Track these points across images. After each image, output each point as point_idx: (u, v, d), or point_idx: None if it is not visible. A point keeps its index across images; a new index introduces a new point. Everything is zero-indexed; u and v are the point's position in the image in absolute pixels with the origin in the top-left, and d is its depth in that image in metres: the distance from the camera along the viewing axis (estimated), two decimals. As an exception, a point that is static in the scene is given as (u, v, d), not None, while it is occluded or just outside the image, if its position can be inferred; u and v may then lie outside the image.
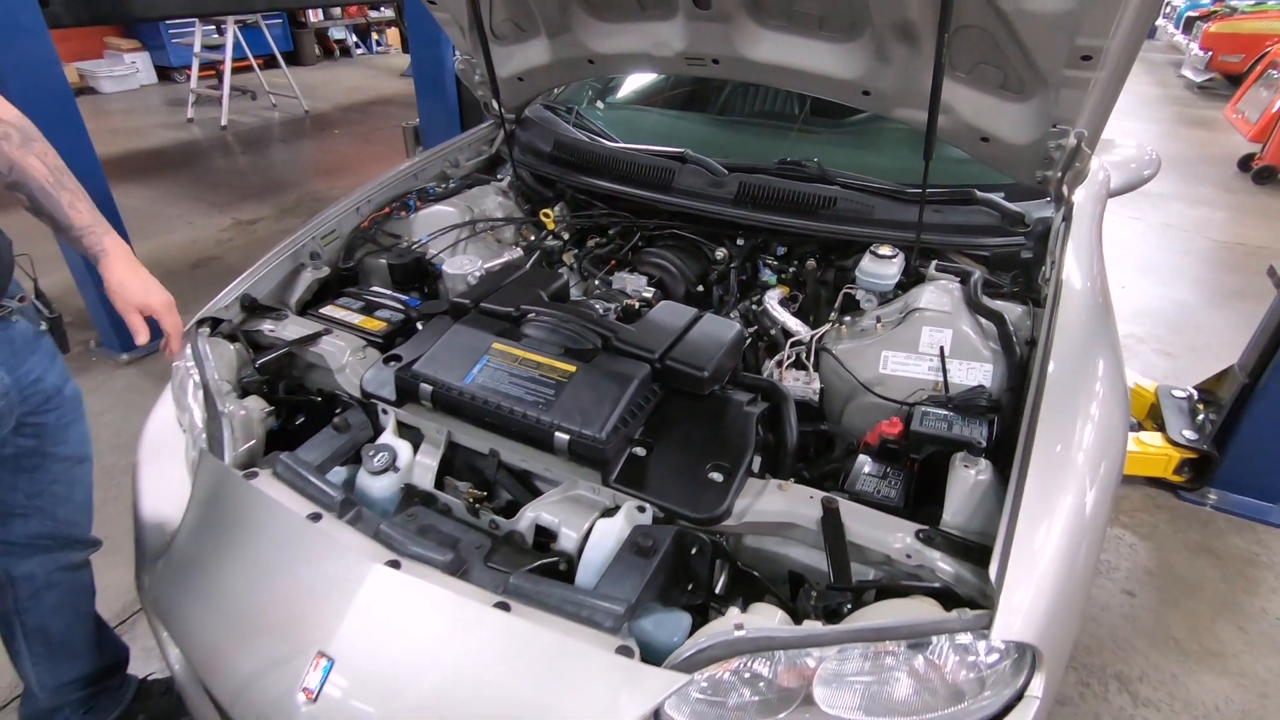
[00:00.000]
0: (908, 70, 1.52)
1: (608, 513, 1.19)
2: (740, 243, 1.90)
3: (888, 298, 1.60)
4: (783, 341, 1.58)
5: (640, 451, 1.22)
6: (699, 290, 1.85)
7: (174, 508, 1.30)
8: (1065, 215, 1.67)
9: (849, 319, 1.58)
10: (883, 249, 1.61)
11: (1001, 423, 1.26)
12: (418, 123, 4.53)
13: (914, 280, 1.62)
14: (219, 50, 7.04)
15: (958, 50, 1.41)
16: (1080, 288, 1.47)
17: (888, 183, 1.76)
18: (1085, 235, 1.67)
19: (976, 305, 1.45)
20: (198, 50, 6.99)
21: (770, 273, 1.85)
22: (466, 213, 2.00)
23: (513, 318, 1.42)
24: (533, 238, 2.05)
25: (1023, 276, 1.65)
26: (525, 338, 1.37)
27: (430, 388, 1.29)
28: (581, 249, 1.99)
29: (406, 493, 1.30)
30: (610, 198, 2.03)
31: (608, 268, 1.90)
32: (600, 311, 1.55)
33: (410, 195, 2.04)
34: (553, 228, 2.03)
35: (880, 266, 1.59)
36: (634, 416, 1.23)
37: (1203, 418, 2.60)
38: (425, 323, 1.56)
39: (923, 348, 1.42)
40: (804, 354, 1.53)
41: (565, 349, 1.33)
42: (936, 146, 1.48)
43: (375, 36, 10.65)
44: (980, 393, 1.31)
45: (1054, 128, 1.45)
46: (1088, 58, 1.28)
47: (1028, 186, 1.67)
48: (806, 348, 1.54)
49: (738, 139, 2.27)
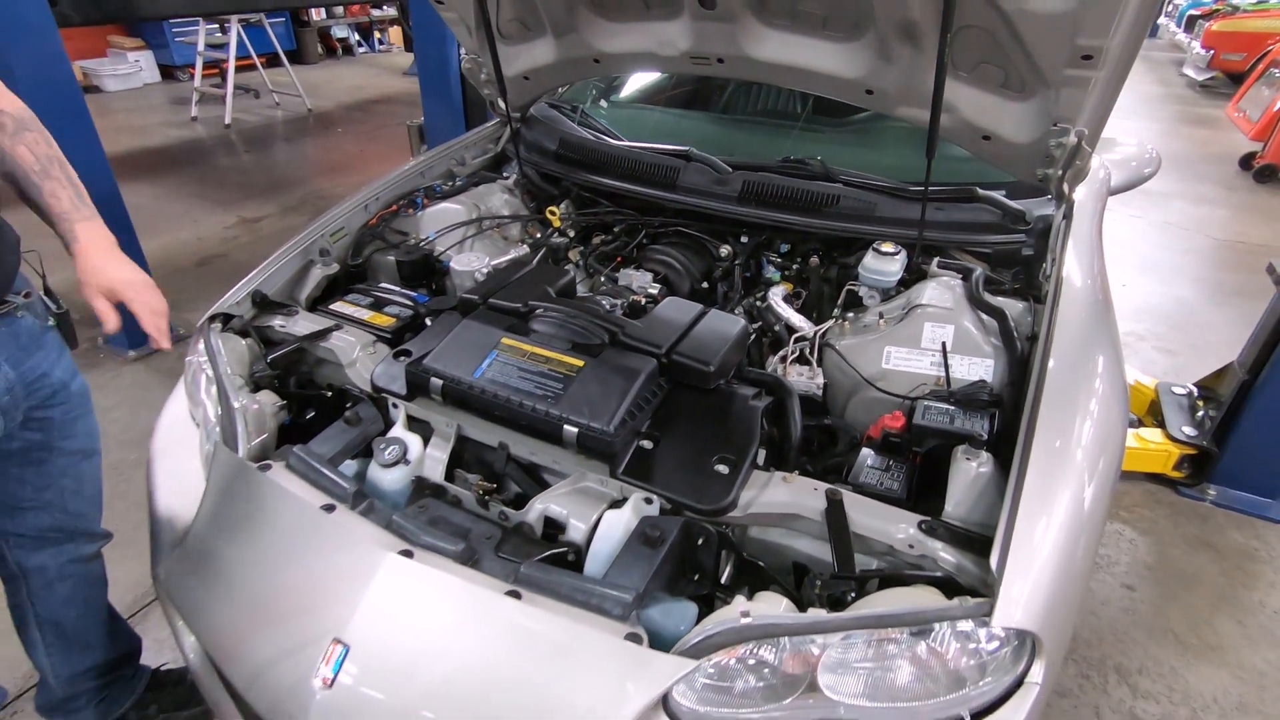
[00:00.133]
0: (910, 69, 1.53)
1: (615, 504, 1.21)
2: (744, 240, 1.92)
3: (890, 294, 1.62)
4: (786, 337, 1.60)
5: (647, 444, 1.24)
6: (704, 287, 1.87)
7: (188, 500, 1.32)
8: (1066, 213, 1.68)
9: (852, 315, 1.60)
10: (885, 246, 1.63)
11: (1002, 417, 1.28)
12: (422, 121, 4.54)
13: (916, 277, 1.64)
14: (223, 49, 7.07)
15: (960, 50, 1.42)
16: (1081, 285, 1.48)
17: (890, 181, 1.78)
18: (1086, 233, 1.68)
19: (978, 301, 1.47)
20: (201, 49, 7.02)
21: (774, 269, 1.87)
22: (473, 210, 2.02)
23: (521, 313, 1.44)
24: (539, 235, 2.07)
25: (1024, 273, 1.67)
26: (534, 333, 1.39)
27: (441, 382, 1.30)
28: (587, 246, 2.01)
29: (417, 485, 1.32)
30: (615, 195, 2.04)
31: (613, 265, 1.92)
32: (607, 307, 1.56)
33: (417, 193, 2.06)
34: (558, 225, 2.05)
35: (883, 263, 1.61)
36: (641, 410, 1.25)
37: (1202, 414, 2.62)
38: (434, 318, 1.58)
39: (925, 343, 1.43)
40: (808, 349, 1.55)
41: (573, 344, 1.35)
42: (938, 145, 1.49)
43: (377, 35, 10.68)
44: (982, 387, 1.33)
45: (1055, 126, 1.46)
46: (1088, 57, 1.30)
47: (1029, 184, 1.68)
48: (810, 343, 1.56)
49: (741, 137, 2.29)
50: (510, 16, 1.93)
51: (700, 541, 1.17)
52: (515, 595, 1.03)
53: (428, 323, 1.59)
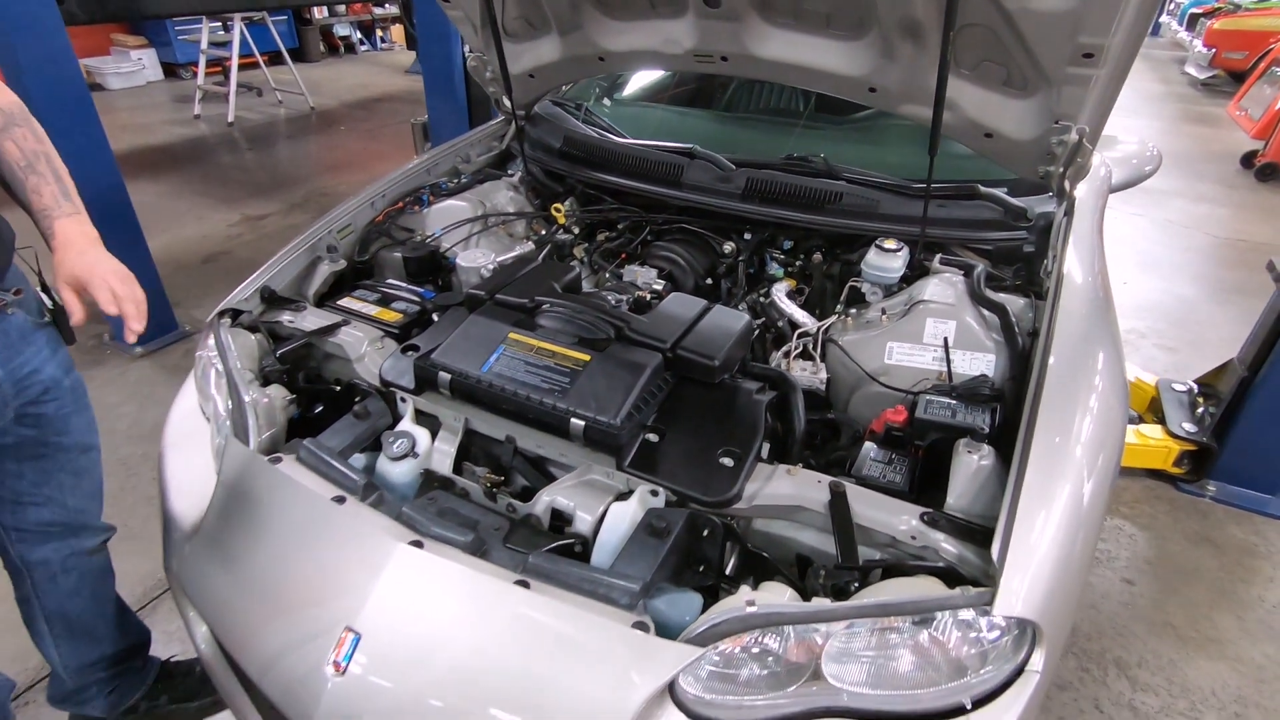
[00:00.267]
0: (913, 67, 1.54)
1: (622, 496, 1.22)
2: (748, 237, 1.93)
3: (893, 290, 1.64)
4: (790, 333, 1.61)
5: (653, 437, 1.25)
6: (708, 283, 1.89)
7: (200, 493, 1.34)
8: (1067, 210, 1.70)
9: (854, 311, 1.62)
10: (888, 243, 1.64)
11: (1004, 411, 1.29)
12: (426, 119, 4.55)
13: (918, 273, 1.66)
14: (225, 47, 7.08)
15: (962, 48, 1.44)
16: (1081, 281, 1.50)
17: (892, 178, 1.79)
18: (1086, 230, 1.69)
19: (979, 297, 1.48)
20: (205, 47, 7.03)
21: (777, 266, 1.88)
22: (479, 207, 2.04)
23: (528, 309, 1.45)
24: (544, 232, 2.08)
25: (1025, 270, 1.68)
26: (540, 328, 1.41)
27: (449, 376, 1.32)
28: (591, 243, 2.03)
29: (426, 478, 1.34)
30: (619, 192, 2.06)
31: (618, 261, 1.94)
32: (612, 303, 1.58)
33: (423, 190, 2.08)
34: (563, 222, 2.07)
35: (885, 260, 1.63)
36: (647, 404, 1.27)
37: (1202, 411, 2.64)
38: (441, 314, 1.60)
39: (927, 339, 1.45)
40: (811, 345, 1.57)
41: (579, 339, 1.37)
42: (941, 142, 1.51)
43: (379, 33, 10.68)
44: (983, 382, 1.35)
45: (1056, 124, 1.48)
46: (1089, 55, 1.31)
47: (1030, 181, 1.70)
48: (813, 339, 1.58)
49: (744, 135, 2.30)
50: (516, 15, 1.94)
51: (705, 533, 1.18)
52: (524, 585, 1.05)
53: (435, 318, 1.61)
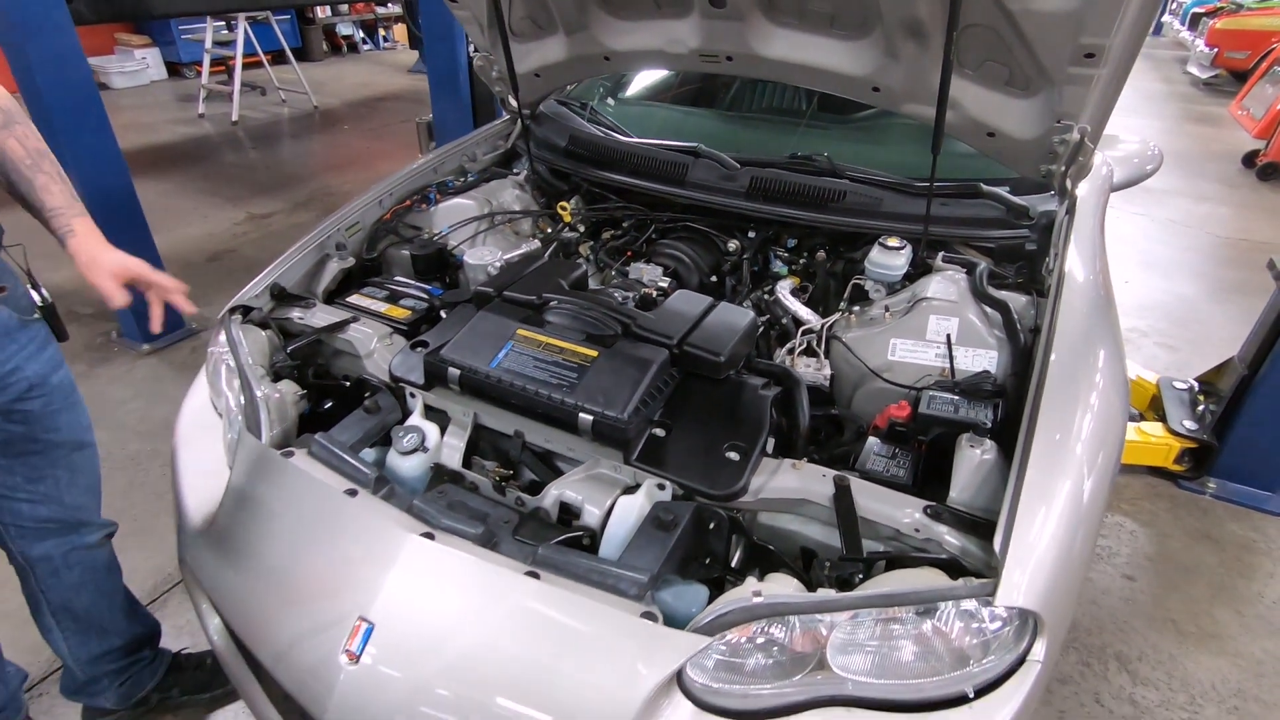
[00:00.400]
0: (916, 67, 1.56)
1: (629, 490, 1.24)
2: (752, 235, 1.95)
3: (896, 288, 1.65)
4: (794, 330, 1.63)
5: (660, 432, 1.27)
6: (713, 280, 1.90)
7: (213, 487, 1.36)
8: (1069, 208, 1.71)
9: (858, 308, 1.64)
10: (891, 241, 1.66)
11: (1006, 406, 1.31)
12: (431, 118, 4.57)
13: (921, 271, 1.67)
14: (229, 46, 7.10)
15: (965, 48, 1.45)
16: (1082, 280, 1.51)
17: (895, 176, 1.81)
18: (1088, 228, 1.71)
19: (982, 295, 1.50)
20: (209, 46, 7.05)
21: (781, 264, 1.90)
22: (485, 205, 2.05)
23: (536, 305, 1.47)
24: (550, 230, 2.10)
25: (1027, 268, 1.69)
26: (548, 324, 1.42)
27: (458, 372, 1.34)
28: (597, 241, 2.04)
29: (435, 472, 1.36)
30: (625, 191, 2.07)
31: (623, 259, 1.95)
32: (619, 300, 1.60)
33: (430, 188, 2.10)
34: (569, 220, 2.08)
35: (889, 258, 1.64)
36: (654, 399, 1.28)
37: (1203, 408, 2.65)
38: (449, 311, 1.61)
39: (930, 335, 1.47)
40: (815, 342, 1.59)
41: (587, 335, 1.38)
42: (943, 141, 1.52)
43: (382, 33, 10.69)
44: (985, 378, 1.36)
45: (1058, 123, 1.49)
46: (1091, 55, 1.32)
47: (1032, 180, 1.71)
48: (817, 336, 1.59)
49: (748, 134, 2.32)
50: (522, 14, 1.96)
51: (712, 526, 1.20)
52: (534, 576, 1.07)
53: (443, 315, 1.63)
